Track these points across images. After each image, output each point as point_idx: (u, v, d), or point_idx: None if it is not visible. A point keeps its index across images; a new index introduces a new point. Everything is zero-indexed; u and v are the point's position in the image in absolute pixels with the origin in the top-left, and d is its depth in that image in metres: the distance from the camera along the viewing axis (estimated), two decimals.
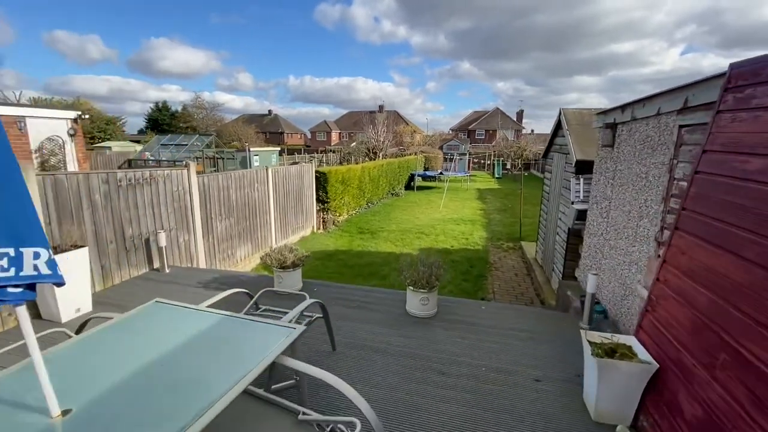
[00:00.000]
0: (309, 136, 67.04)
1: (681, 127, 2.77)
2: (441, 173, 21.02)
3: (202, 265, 6.00)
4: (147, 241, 5.05)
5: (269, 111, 71.94)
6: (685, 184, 2.63)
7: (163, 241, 4.97)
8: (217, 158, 16.39)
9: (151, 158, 15.33)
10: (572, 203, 5.07)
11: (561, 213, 5.77)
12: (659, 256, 2.79)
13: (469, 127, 53.27)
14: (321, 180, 10.07)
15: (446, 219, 12.07)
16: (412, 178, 20.43)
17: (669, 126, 2.92)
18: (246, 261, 7.28)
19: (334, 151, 36.39)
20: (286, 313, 2.83)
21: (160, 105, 48.34)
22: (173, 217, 5.44)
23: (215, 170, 16.39)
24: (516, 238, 9.55)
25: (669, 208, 2.82)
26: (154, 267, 5.15)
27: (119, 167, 16.65)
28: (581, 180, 4.89)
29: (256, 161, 20.36)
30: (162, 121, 47.15)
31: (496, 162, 28.95)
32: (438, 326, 3.62)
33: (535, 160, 26.23)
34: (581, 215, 4.85)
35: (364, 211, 13.17)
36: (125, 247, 4.74)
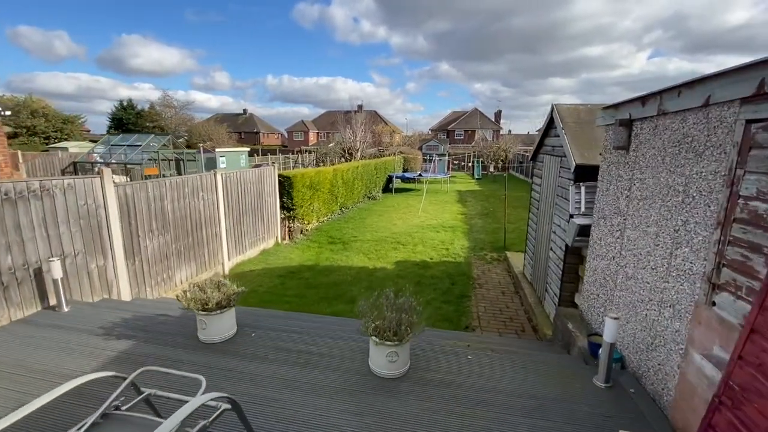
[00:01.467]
0: (286, 136, 65.23)
1: (749, 122, 1.92)
2: (420, 175, 20.20)
3: (125, 295, 4.86)
4: (38, 271, 3.90)
5: (244, 110, 69.75)
6: (762, 205, 1.79)
7: (57, 271, 3.83)
8: (176, 160, 14.98)
9: (100, 160, 13.79)
10: (571, 216, 4.24)
11: (555, 225, 4.95)
12: (712, 304, 1.95)
13: (449, 128, 53.00)
14: (285, 185, 9.00)
15: (425, 225, 11.21)
16: (390, 180, 19.53)
17: (726, 121, 2.08)
18: (188, 284, 6.14)
19: (310, 152, 35.13)
20: (182, 401, 1.83)
21: (125, 103, 45.63)
22: (79, 238, 4.30)
23: (172, 173, 14.98)
24: (500, 248, 8.76)
25: (732, 238, 1.97)
26: (50, 304, 4.00)
27: (63, 171, 14.99)
28: (582, 189, 4.07)
29: (222, 163, 18.97)
30: (127, 120, 44.51)
31: (475, 162, 28.43)
32: (409, 394, 2.68)
33: (521, 162, 25.77)
34: (583, 230, 4.02)
35: (337, 218, 12.15)
36: (1, 282, 3.58)
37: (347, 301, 5.80)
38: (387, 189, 19.42)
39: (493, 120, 51.65)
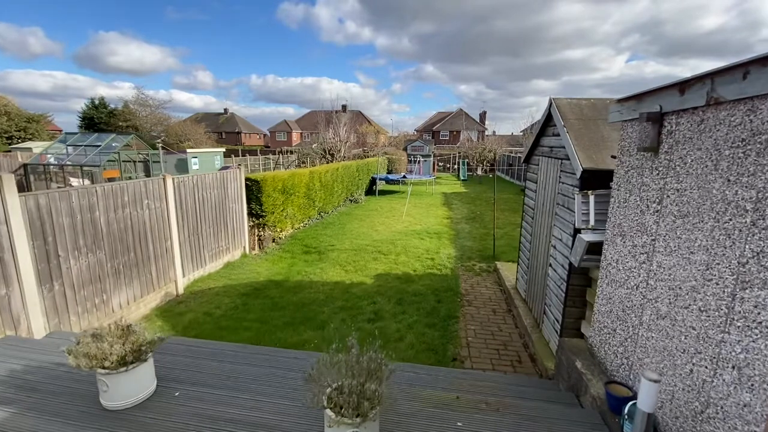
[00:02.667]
0: (269, 136, 63.75)
1: None
2: (404, 177, 19.50)
3: (38, 330, 3.95)
4: None
5: (225, 110, 67.99)
6: None
7: None
8: (143, 161, 13.86)
9: (54, 162, 12.58)
10: (577, 230, 3.56)
11: (555, 239, 4.28)
12: None
13: (434, 128, 52.68)
14: (253, 190, 8.13)
15: (409, 231, 10.48)
16: (374, 182, 18.77)
17: None
18: (130, 309, 5.24)
19: (292, 152, 34.10)
20: None
21: (97, 101, 43.55)
22: None
23: (137, 176, 13.86)
24: (489, 257, 8.10)
25: None
26: None
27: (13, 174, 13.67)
28: (591, 198, 3.39)
29: (194, 164, 17.90)
30: (99, 120, 42.51)
31: (461, 163, 27.96)
32: None
33: (510, 165, 25.32)
34: (593, 248, 3.35)
35: (315, 223, 11.32)
36: None
37: (316, 327, 5.01)
38: (371, 191, 18.68)
39: (478, 121, 51.55)
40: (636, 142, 2.69)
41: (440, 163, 33.55)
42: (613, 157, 3.39)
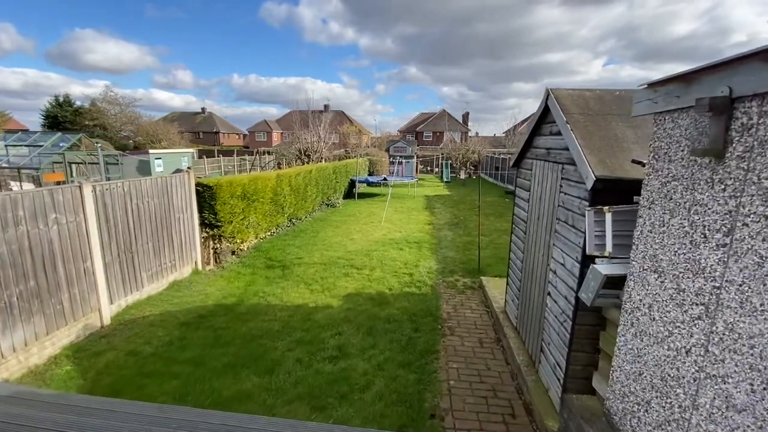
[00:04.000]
0: (248, 136, 61.94)
1: None
2: (385, 179, 18.63)
3: None
4: None
5: (203, 109, 65.80)
6: None
7: None
8: (94, 163, 12.55)
9: None
10: (590, 258, 2.74)
11: (556, 263, 3.46)
12: None
13: (417, 129, 52.19)
14: (205, 197, 7.09)
15: (387, 240, 9.60)
16: (353, 184, 17.84)
17: None
18: (29, 351, 4.17)
19: (270, 153, 32.83)
20: None
21: (61, 99, 41.17)
22: None
23: (87, 179, 12.51)
24: (474, 270, 7.30)
25: None
26: None
27: None
28: (608, 217, 2.57)
29: (158, 166, 16.58)
30: (64, 118, 40.19)
31: (444, 165, 27.30)
32: None
33: (497, 168, 24.71)
34: (612, 282, 2.53)
35: (285, 232, 10.32)
36: None
37: (264, 371, 4.05)
38: (351, 194, 17.73)
39: (461, 122, 51.27)
40: (683, 143, 1.88)
41: (423, 166, 32.88)
42: (638, 162, 2.58)
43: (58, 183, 12.30)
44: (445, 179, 26.34)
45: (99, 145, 11.40)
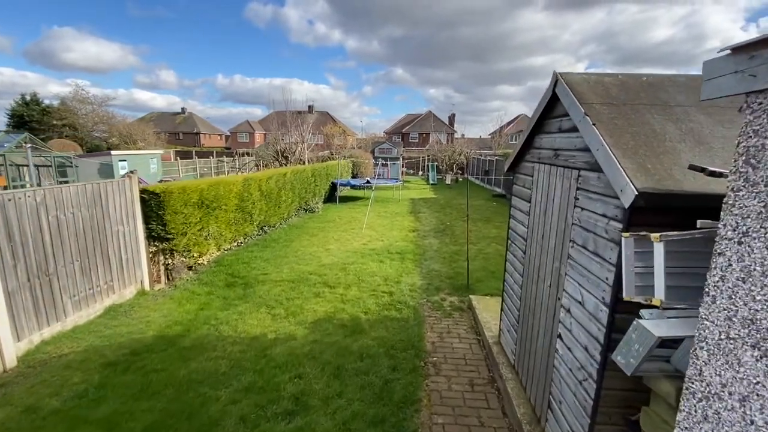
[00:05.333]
0: (230, 137, 60.26)
1: None
2: (368, 182, 17.78)
3: None
4: None
5: (183, 109, 63.74)
6: None
7: None
8: (46, 166, 11.32)
9: None
10: (620, 299, 1.94)
11: (570, 299, 2.66)
12: None
13: (403, 130, 51.65)
14: (152, 205, 6.10)
15: (367, 250, 8.74)
16: (335, 187, 16.92)
17: None
18: None
19: (249, 154, 31.65)
20: None
21: (28, 97, 38.90)
22: None
23: (35, 183, 11.27)
24: (462, 287, 6.50)
25: None
26: None
27: None
28: (659, 248, 1.77)
29: (122, 168, 15.32)
30: (30, 118, 37.95)
31: (430, 167, 26.60)
32: None
33: (486, 172, 24.06)
34: (667, 346, 1.73)
35: (255, 241, 9.34)
36: None
37: None
38: (332, 198, 16.81)
39: (447, 123, 50.88)
40: None
41: (408, 168, 32.18)
42: (698, 169, 1.78)
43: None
44: (431, 181, 25.65)
45: (30, 146, 9.95)
